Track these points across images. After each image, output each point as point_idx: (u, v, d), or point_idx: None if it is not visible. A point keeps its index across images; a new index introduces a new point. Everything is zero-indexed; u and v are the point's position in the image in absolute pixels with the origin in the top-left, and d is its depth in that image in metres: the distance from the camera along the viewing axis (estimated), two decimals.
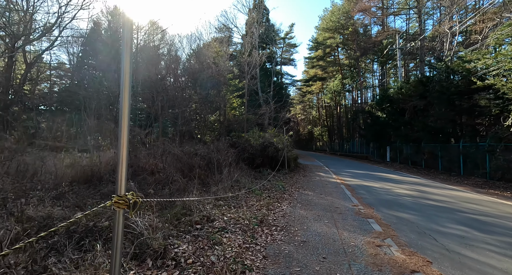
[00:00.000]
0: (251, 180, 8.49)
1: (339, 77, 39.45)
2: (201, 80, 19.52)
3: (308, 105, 60.66)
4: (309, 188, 8.47)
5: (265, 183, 8.41)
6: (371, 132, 24.03)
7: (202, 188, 6.14)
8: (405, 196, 7.40)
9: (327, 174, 12.87)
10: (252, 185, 7.58)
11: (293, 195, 7.07)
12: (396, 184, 9.69)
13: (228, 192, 6.20)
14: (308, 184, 9.25)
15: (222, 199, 5.70)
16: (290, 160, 13.46)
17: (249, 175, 9.04)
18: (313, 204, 6.14)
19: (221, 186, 6.46)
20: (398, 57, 19.94)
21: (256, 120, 20.88)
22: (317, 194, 7.37)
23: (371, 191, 8.07)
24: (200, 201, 5.16)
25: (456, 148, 12.97)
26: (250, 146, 12.11)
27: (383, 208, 5.81)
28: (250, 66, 21.76)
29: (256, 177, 9.32)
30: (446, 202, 6.57)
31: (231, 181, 7.23)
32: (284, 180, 9.83)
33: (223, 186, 6.47)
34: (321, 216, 5.03)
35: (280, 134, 15.90)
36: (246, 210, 5.18)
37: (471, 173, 11.86)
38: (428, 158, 15.49)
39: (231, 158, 8.74)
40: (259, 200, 6.10)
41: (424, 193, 7.92)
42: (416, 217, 5.13)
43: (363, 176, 12.14)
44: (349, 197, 7.05)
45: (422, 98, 15.20)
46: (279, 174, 11.13)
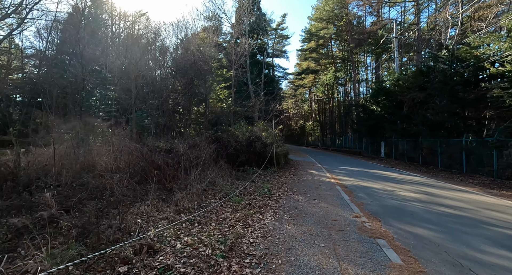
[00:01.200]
0: (232, 181, 7.14)
1: (332, 70, 38.28)
2: (184, 69, 17.87)
3: (301, 100, 59.54)
4: (300, 190, 7.20)
5: (248, 185, 7.08)
6: (365, 127, 23.04)
7: (161, 196, 4.74)
8: (413, 200, 6.24)
9: (320, 171, 11.68)
10: (231, 189, 6.24)
11: (280, 201, 5.77)
12: (397, 184, 8.56)
13: (196, 200, 4.83)
14: (299, 185, 7.99)
15: (185, 211, 4.33)
16: (280, 156, 12.19)
17: (230, 175, 7.68)
18: (304, 214, 4.85)
19: (189, 191, 5.07)
20: (395, 47, 18.79)
21: (244, 113, 19.44)
22: (309, 199, 6.10)
23: (372, 194, 6.88)
24: (151, 216, 3.78)
25: (458, 143, 11.99)
26: (235, 140, 10.72)
27: (392, 220, 4.59)
28: (238, 54, 20.17)
29: (238, 177, 7.97)
30: (464, 210, 5.43)
31: (204, 184, 5.86)
32: (272, 180, 8.53)
33: (192, 191, 5.09)
34: (315, 236, 3.74)
35: (269, 128, 14.59)
36: (215, 227, 3.83)
37: (475, 170, 10.90)
38: (426, 154, 14.54)
39: (208, 155, 7.34)
40: (235, 209, 4.76)
41: (433, 196, 6.80)
42: (437, 234, 3.92)
43: (359, 174, 11.01)
44: (347, 203, 5.81)
45: (421, 90, 14.11)
46: (266, 173, 9.83)
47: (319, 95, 46.23)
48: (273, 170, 10.65)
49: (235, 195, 5.67)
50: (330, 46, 38.05)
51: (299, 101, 60.60)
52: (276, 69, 45.00)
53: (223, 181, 6.70)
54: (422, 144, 15.04)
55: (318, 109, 48.58)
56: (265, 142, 11.06)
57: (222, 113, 20.51)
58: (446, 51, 12.27)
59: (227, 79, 21.55)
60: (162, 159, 6.39)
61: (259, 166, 10.81)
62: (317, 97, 47.88)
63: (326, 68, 40.74)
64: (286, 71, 48.76)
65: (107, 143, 6.71)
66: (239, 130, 13.17)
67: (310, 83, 47.25)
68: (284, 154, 13.37)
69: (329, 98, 42.50)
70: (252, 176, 8.32)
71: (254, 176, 8.32)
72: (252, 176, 8.44)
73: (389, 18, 26.41)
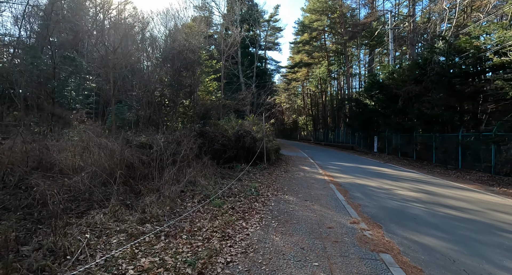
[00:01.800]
0: (216, 180, 6.43)
1: (325, 64, 37.66)
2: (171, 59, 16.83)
3: (293, 94, 58.92)
4: (291, 189, 6.57)
5: (234, 184, 6.39)
6: (358, 121, 22.64)
7: (126, 201, 3.99)
8: (413, 200, 5.71)
9: (312, 167, 11.11)
10: (214, 189, 5.54)
11: (268, 204, 5.11)
12: (394, 182, 8.06)
13: (169, 205, 4.11)
14: (290, 183, 7.36)
15: (152, 219, 3.60)
16: (271, 152, 11.54)
17: (215, 173, 6.97)
18: (295, 219, 4.21)
19: (162, 194, 4.34)
20: (390, 39, 18.23)
21: (235, 106, 18.61)
22: (301, 200, 5.48)
23: (369, 194, 6.32)
24: (106, 228, 3.05)
25: (454, 138, 11.61)
26: (222, 135, 9.98)
27: (394, 226, 4.01)
28: (228, 44, 19.18)
29: (224, 176, 7.26)
30: (470, 212, 4.92)
31: (181, 185, 5.13)
32: (261, 178, 7.86)
33: (165, 194, 4.36)
34: (307, 250, 3.10)
35: (260, 122, 13.89)
36: (186, 241, 3.13)
37: (471, 166, 10.56)
38: (421, 149, 14.20)
39: (189, 150, 6.59)
40: (215, 216, 4.08)
41: (433, 195, 6.30)
42: (449, 244, 3.35)
43: (353, 170, 10.50)
44: (343, 205, 5.21)
45: (417, 83, 13.65)
46: (255, 170, 9.16)
47: (312, 90, 45.69)
48: (263, 166, 10.00)
49: (217, 197, 4.98)
50: (323, 39, 37.31)
51: (292, 96, 60.00)
52: (269, 62, 44.05)
53: (205, 180, 5.99)
54: (416, 138, 14.69)
55: (311, 104, 48.11)
56: (255, 136, 10.36)
57: (212, 107, 19.62)
58: (443, 42, 11.75)
59: (217, 71, 20.56)
60: (135, 156, 5.61)
61: (249, 162, 10.14)
62: (310, 92, 47.36)
63: (319, 62, 40.08)
64: (279, 64, 47.82)
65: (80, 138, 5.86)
66: (228, 124, 12.41)
67: (303, 77, 46.59)
68: (275, 149, 12.73)
69: (322, 92, 42.01)
70: (239, 174, 7.64)
71: (241, 174, 7.63)
72: (240, 173, 7.75)
73: (384, 10, 25.78)
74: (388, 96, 16.73)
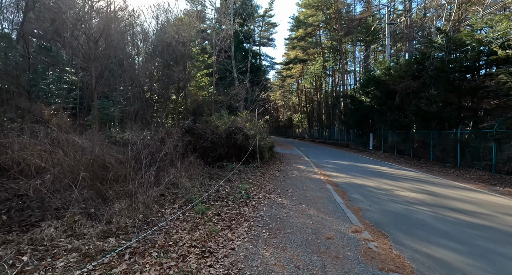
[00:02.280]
0: (203, 181, 5.84)
1: (320, 60, 37.18)
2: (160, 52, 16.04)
3: (288, 91, 58.44)
4: (285, 191, 6.04)
5: (223, 186, 5.82)
6: (354, 118, 22.30)
7: (89, 209, 3.37)
8: (417, 202, 5.25)
9: (307, 166, 10.62)
10: (199, 192, 4.96)
11: (259, 208, 4.57)
12: (393, 181, 7.62)
13: (142, 213, 3.52)
14: (284, 184, 6.84)
15: (119, 232, 3.01)
16: (264, 150, 10.99)
17: (202, 174, 6.38)
18: (288, 228, 3.68)
19: (135, 199, 3.74)
20: (387, 34, 17.81)
21: (228, 102, 17.95)
22: (296, 204, 4.95)
23: (368, 195, 5.84)
24: (55, 246, 2.45)
25: (452, 135, 11.29)
26: (212, 132, 9.37)
27: (402, 235, 3.52)
28: (220, 38, 18.45)
29: (212, 176, 6.68)
30: (481, 216, 4.48)
31: (160, 188, 4.54)
32: (253, 178, 7.30)
33: (139, 200, 3.76)
34: (304, 271, 2.56)
35: (254, 119, 13.33)
36: (155, 260, 2.56)
37: (470, 164, 10.24)
38: (418, 147, 13.88)
39: (173, 148, 5.98)
40: (196, 225, 3.51)
41: (437, 196, 5.87)
42: (468, 259, 2.87)
43: (350, 169, 10.06)
44: (342, 208, 4.71)
45: (415, 79, 13.26)
46: (247, 169, 8.60)
47: (306, 86, 45.24)
48: (255, 165, 9.44)
49: (201, 202, 4.40)
50: (318, 35, 36.80)
51: (287, 93, 59.52)
52: (263, 58, 43.40)
53: (190, 182, 5.39)
54: (413, 136, 14.37)
55: (305, 101, 47.73)
56: (247, 133, 9.79)
57: (204, 103, 18.92)
58: (442, 37, 11.34)
59: (209, 66, 19.82)
60: (111, 155, 4.98)
61: (240, 161, 9.58)
62: (305, 89, 46.92)
63: (314, 58, 39.60)
64: (273, 61, 47.32)
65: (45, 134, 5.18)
66: (220, 121, 11.81)
67: (298, 74, 46.10)
68: (269, 147, 12.19)
69: (317, 89, 41.62)
70: (230, 174, 7.06)
71: (231, 174, 7.06)
72: (230, 173, 7.17)
73: (380, 5, 25.39)
74: (385, 93, 16.35)
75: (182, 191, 4.83)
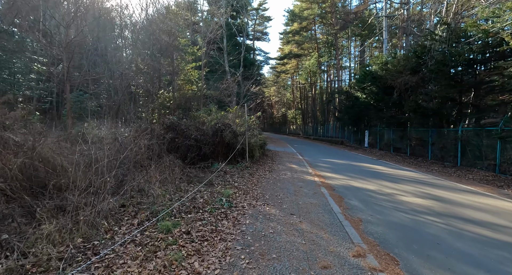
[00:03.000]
0: (179, 186, 5.03)
1: (315, 56, 36.39)
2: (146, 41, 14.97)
3: (283, 87, 57.65)
4: (274, 197, 5.29)
5: (202, 191, 5.02)
6: (349, 115, 21.69)
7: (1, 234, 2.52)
8: (425, 211, 4.57)
9: (301, 165, 9.91)
10: (170, 201, 4.15)
11: (241, 221, 3.80)
12: (394, 184, 6.96)
13: (82, 235, 2.69)
14: (274, 188, 6.08)
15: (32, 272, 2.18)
16: (254, 148, 10.20)
17: (180, 176, 5.56)
18: (274, 252, 2.92)
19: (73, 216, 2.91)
20: (384, 27, 17.11)
21: (217, 96, 17.03)
22: (286, 215, 4.20)
23: (369, 201, 5.14)
24: None
25: (453, 133, 10.73)
26: (197, 128, 8.52)
27: (416, 261, 2.81)
28: (212, 30, 17.41)
29: (192, 179, 5.86)
30: (502, 230, 3.81)
31: (118, 198, 3.71)
32: (239, 180, 6.52)
33: (82, 216, 2.93)
34: None
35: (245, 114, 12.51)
36: None
37: (472, 164, 9.70)
38: (415, 145, 13.32)
39: (143, 147, 5.13)
40: (154, 251, 2.71)
41: (445, 202, 5.21)
42: None
43: (346, 169, 9.39)
44: (340, 221, 3.98)
45: (414, 74, 12.63)
46: (234, 170, 7.81)
47: (301, 82, 44.46)
48: (244, 165, 8.66)
49: (170, 215, 3.60)
50: (313, 29, 35.92)
51: (281, 89, 58.75)
52: (257, 53, 42.37)
53: (162, 187, 4.58)
54: (410, 133, 13.80)
55: (300, 97, 47.04)
56: (236, 130, 8.96)
57: (193, 97, 17.95)
58: (444, 28, 10.68)
59: (199, 59, 18.81)
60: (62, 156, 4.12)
61: (230, 160, 8.78)
62: (300, 85, 46.16)
63: (309, 53, 38.79)
64: (268, 55, 46.31)
65: None
66: (210, 117, 10.94)
67: (293, 70, 45.27)
68: (260, 145, 11.42)
69: (312, 85, 40.91)
70: (213, 176, 6.26)
71: (214, 176, 6.26)
72: (213, 175, 6.37)
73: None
74: (382, 88, 15.71)
75: (150, 200, 4.01)
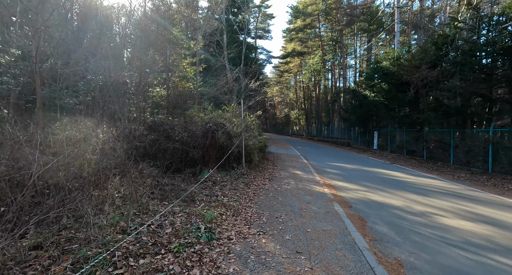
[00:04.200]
0: (144, 205, 3.74)
1: (320, 54, 35.02)
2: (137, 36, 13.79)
3: (286, 87, 56.32)
4: (274, 220, 3.98)
5: (176, 214, 3.72)
6: (356, 115, 20.27)
7: None
8: (487, 247, 3.23)
9: (306, 171, 8.57)
10: (121, 233, 2.85)
11: (220, 270, 2.49)
12: (423, 197, 5.60)
13: None
14: (274, 204, 4.77)
15: None
16: (253, 151, 8.89)
17: (149, 191, 4.27)
18: None
19: None
20: (396, 19, 15.70)
21: (214, 93, 15.76)
22: (290, 256, 2.89)
23: (402, 228, 3.80)
24: None
25: (482, 134, 9.33)
26: (185, 129, 7.25)
27: None
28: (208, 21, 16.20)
29: (166, 194, 4.54)
30: None
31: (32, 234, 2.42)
32: (230, 194, 5.20)
33: None
34: None
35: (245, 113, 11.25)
36: None
37: (507, 170, 8.28)
38: (434, 147, 11.90)
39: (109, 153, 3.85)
40: None
41: (503, 228, 3.85)
42: None
43: (359, 176, 8.03)
44: (371, 267, 2.65)
45: (433, 68, 11.25)
46: (227, 179, 6.51)
47: (305, 82, 43.08)
48: (240, 171, 7.35)
49: (106, 263, 2.30)
50: (318, 26, 34.56)
51: (284, 89, 57.45)
52: (260, 51, 41.14)
53: (118, 209, 3.29)
54: (427, 134, 12.38)
55: (303, 97, 45.64)
56: (230, 131, 7.66)
57: (191, 96, 16.73)
58: (470, 14, 9.29)
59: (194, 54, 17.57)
60: None
61: (222, 166, 7.50)
62: (303, 84, 44.79)
63: (313, 51, 37.43)
64: (270, 54, 45.05)
65: None
66: (205, 116, 9.68)
67: (296, 69, 43.91)
68: (260, 147, 10.11)
69: (316, 85, 39.52)
70: (196, 187, 4.95)
71: (195, 188, 4.95)
72: (198, 186, 5.07)
73: None
74: (394, 85, 14.31)
75: (89, 233, 2.72)
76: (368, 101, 18.52)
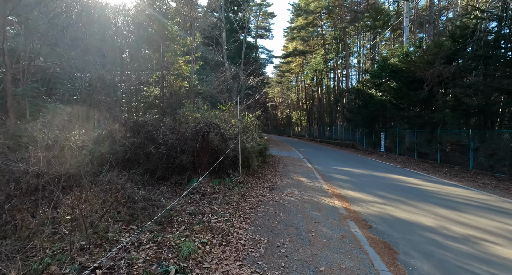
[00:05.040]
0: (104, 230, 2.79)
1: (322, 53, 34.09)
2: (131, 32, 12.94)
3: (287, 88, 55.39)
4: (274, 251, 3.01)
5: (143, 244, 2.76)
6: (361, 116, 19.27)
7: None
8: None
9: (312, 178, 7.59)
10: None
11: None
12: (457, 213, 4.61)
13: None
14: (275, 226, 3.80)
15: None
16: (251, 155, 7.92)
17: (113, 209, 3.33)
18: None
19: None
20: (405, 13, 14.75)
21: (211, 93, 14.83)
22: None
23: (448, 265, 2.83)
24: None
25: (508, 135, 8.33)
26: (172, 131, 6.31)
27: None
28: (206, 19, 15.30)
29: (136, 214, 3.59)
30: None
31: None
32: (221, 209, 4.23)
33: None
34: None
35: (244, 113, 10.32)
36: None
37: None
38: (451, 150, 10.88)
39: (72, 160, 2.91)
40: None
41: None
42: None
43: (371, 183, 7.04)
44: None
45: (450, 63, 10.27)
46: (220, 188, 5.54)
47: (307, 82, 42.12)
48: (236, 179, 6.38)
49: None
50: (320, 24, 33.62)
51: (286, 89, 56.52)
52: (261, 51, 40.28)
53: (51, 246, 2.35)
54: (442, 136, 11.37)
55: (305, 97, 44.68)
56: (224, 132, 6.70)
57: (187, 95, 15.83)
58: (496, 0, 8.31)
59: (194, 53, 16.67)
60: None
61: (215, 173, 6.55)
62: (305, 84, 43.83)
63: (315, 50, 36.51)
64: (271, 53, 44.17)
65: None
66: (191, 115, 8.73)
67: (298, 69, 42.98)
68: (259, 151, 9.15)
69: (318, 85, 38.53)
70: (178, 203, 4.00)
71: (174, 203, 3.99)
72: (186, 199, 4.11)
73: None
74: (404, 83, 13.31)
75: None
76: (375, 100, 17.53)
